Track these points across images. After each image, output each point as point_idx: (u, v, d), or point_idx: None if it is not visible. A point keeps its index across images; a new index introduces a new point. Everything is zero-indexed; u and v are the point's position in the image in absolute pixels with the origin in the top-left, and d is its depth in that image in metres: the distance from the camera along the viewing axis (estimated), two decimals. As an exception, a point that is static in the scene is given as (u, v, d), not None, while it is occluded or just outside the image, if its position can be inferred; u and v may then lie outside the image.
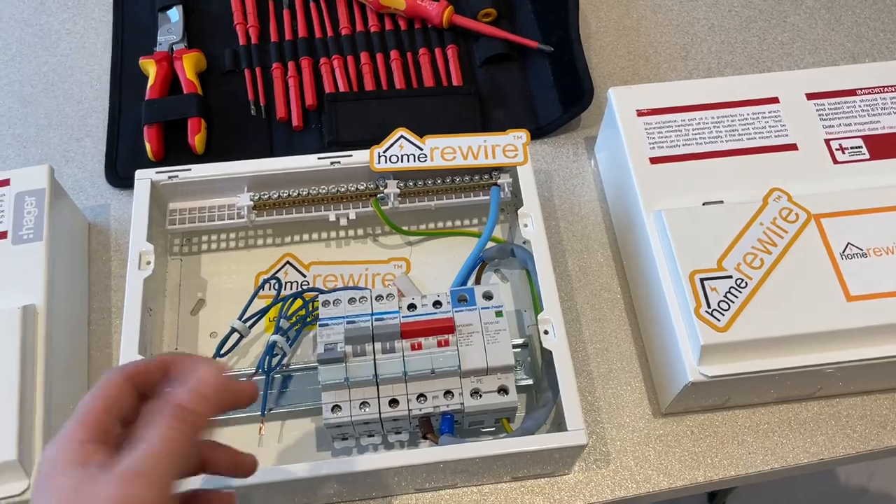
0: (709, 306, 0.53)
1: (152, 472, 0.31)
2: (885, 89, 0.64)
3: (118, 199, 0.69)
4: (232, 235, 0.66)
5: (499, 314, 0.55)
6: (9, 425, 0.49)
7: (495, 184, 0.63)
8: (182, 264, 0.65)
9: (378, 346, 0.53)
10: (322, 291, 0.61)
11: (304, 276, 0.65)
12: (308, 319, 0.60)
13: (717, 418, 0.60)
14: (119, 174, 0.70)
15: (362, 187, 0.62)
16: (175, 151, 0.70)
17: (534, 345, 0.60)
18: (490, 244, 0.62)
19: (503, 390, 0.53)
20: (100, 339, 0.63)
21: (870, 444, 0.59)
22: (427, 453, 0.51)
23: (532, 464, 0.55)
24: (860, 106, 0.64)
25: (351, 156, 0.61)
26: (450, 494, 0.57)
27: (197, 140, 0.69)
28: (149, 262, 0.57)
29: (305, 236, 0.66)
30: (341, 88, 0.73)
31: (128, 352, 0.53)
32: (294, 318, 0.60)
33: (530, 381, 0.58)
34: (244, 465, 0.39)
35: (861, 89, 0.64)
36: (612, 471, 0.58)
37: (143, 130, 0.70)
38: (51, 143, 0.72)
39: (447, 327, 0.54)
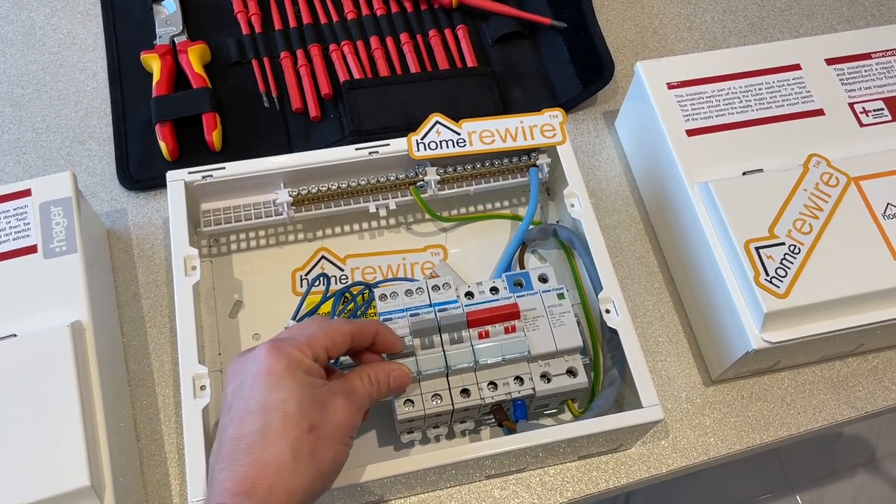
0: (767, 274, 0.54)
1: (363, 404, 0.46)
2: (898, 51, 0.66)
3: (134, 203, 0.66)
4: (262, 233, 0.64)
5: (561, 296, 0.55)
6: (77, 450, 0.46)
7: (534, 165, 0.62)
8: (213, 266, 0.62)
9: (446, 336, 0.52)
10: (368, 285, 0.60)
11: (342, 269, 0.63)
12: (358, 314, 0.59)
13: (764, 381, 0.62)
14: (133, 176, 0.66)
15: (402, 176, 0.60)
16: (190, 150, 0.67)
17: (582, 323, 0.60)
18: (530, 226, 0.62)
19: (571, 372, 0.53)
20: (136, 351, 0.60)
21: (908, 394, 0.62)
22: (513, 440, 0.50)
23: (602, 442, 0.55)
24: (877, 69, 0.65)
25: (388, 144, 0.60)
26: (517, 479, 0.57)
27: (214, 136, 0.66)
28: (194, 267, 0.55)
29: (338, 229, 0.65)
30: (356, 75, 0.71)
31: (188, 361, 0.51)
32: (346, 315, 0.58)
33: (587, 360, 0.58)
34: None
35: (875, 52, 0.66)
36: (671, 441, 0.59)
37: (153, 129, 0.66)
38: (52, 147, 0.68)
39: (513, 313, 0.53)
